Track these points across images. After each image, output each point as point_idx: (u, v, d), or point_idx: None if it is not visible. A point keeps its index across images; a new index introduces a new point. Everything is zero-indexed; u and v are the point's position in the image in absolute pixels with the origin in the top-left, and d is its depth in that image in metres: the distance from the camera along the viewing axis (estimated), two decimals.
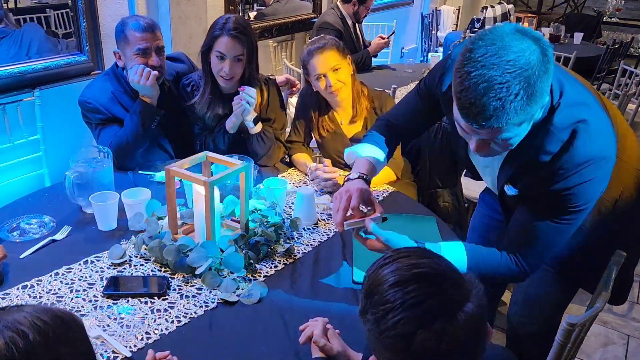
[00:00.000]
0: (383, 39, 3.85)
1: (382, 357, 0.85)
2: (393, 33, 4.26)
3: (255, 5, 4.48)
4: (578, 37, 5.51)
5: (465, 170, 2.51)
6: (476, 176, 1.59)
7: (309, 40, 2.10)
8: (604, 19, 7.73)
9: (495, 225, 1.77)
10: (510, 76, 1.03)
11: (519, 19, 6.19)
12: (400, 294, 0.81)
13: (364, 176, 1.50)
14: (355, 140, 2.15)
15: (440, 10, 6.60)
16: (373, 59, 3.98)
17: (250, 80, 2.05)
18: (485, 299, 0.84)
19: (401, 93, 3.31)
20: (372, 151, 1.59)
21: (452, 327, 0.78)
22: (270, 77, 2.26)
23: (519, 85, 1.03)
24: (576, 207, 1.22)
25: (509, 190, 1.32)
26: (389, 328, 0.79)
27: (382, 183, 2.07)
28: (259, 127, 2.07)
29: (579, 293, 1.63)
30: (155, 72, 1.99)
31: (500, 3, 6.73)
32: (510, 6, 6.92)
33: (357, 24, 3.96)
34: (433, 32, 6.31)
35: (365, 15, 4.02)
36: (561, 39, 5.49)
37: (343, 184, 1.50)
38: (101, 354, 1.18)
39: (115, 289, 1.39)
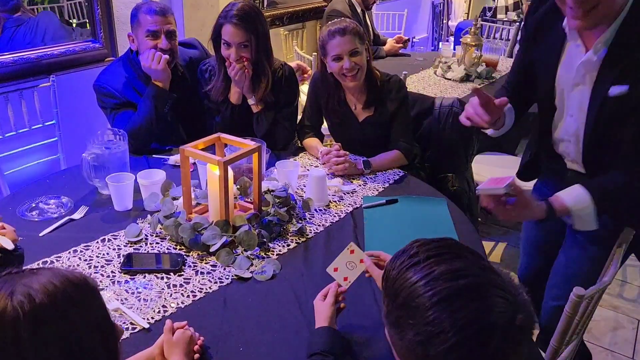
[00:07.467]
0: (399, 42, 3.91)
1: None
2: (409, 40, 4.27)
3: None
4: None
5: (475, 156, 2.51)
6: (510, 146, 1.55)
7: (330, 22, 2.11)
8: None
9: (552, 237, 1.70)
10: None
11: None
12: (447, 313, 0.72)
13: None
14: (366, 123, 2.17)
15: None
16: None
17: (260, 67, 2.07)
18: (530, 303, 0.76)
19: (412, 80, 3.32)
20: None
21: (507, 345, 0.72)
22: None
23: None
24: None
25: (615, 90, 1.24)
26: (439, 354, 0.72)
27: (393, 166, 2.09)
28: (259, 106, 2.11)
29: None
30: (166, 56, 2.02)
31: None
32: None
33: (366, 12, 3.96)
34: (444, 21, 6.28)
35: (375, 3, 4.01)
36: None
37: None
38: None
39: (132, 265, 1.43)
